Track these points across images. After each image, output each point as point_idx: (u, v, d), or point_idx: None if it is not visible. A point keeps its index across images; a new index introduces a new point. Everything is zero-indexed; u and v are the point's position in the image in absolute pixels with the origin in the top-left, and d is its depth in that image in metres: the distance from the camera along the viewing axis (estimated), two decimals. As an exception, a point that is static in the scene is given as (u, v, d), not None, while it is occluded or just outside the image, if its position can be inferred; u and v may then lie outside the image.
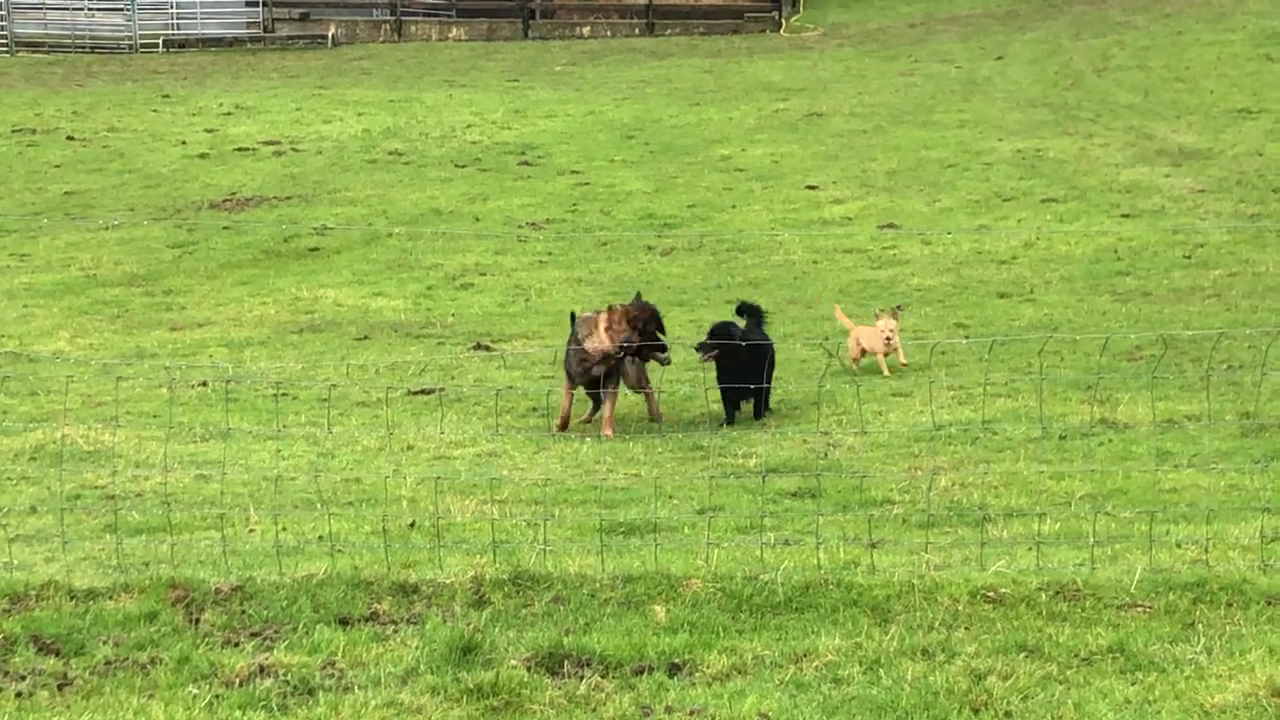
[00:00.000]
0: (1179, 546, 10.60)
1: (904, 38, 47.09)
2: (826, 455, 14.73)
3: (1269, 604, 9.21)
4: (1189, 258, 24.76)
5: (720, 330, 16.29)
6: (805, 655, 8.71)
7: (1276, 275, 23.23)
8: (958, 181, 31.38)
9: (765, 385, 15.64)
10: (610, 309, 16.25)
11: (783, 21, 51.04)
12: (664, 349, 16.26)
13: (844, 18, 50.61)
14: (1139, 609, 9.22)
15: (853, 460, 14.39)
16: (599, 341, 16.02)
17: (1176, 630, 8.95)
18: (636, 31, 53.06)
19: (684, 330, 21.17)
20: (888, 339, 18.05)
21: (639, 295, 16.86)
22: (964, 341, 19.40)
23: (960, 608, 9.28)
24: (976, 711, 8.02)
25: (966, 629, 9.02)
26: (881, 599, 9.42)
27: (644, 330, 16.05)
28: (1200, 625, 8.99)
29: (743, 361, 15.59)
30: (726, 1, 53.92)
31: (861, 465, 14.01)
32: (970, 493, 12.93)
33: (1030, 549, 10.58)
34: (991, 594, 9.45)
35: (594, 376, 16.17)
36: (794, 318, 21.93)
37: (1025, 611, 9.24)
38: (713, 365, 16.45)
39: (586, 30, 53.59)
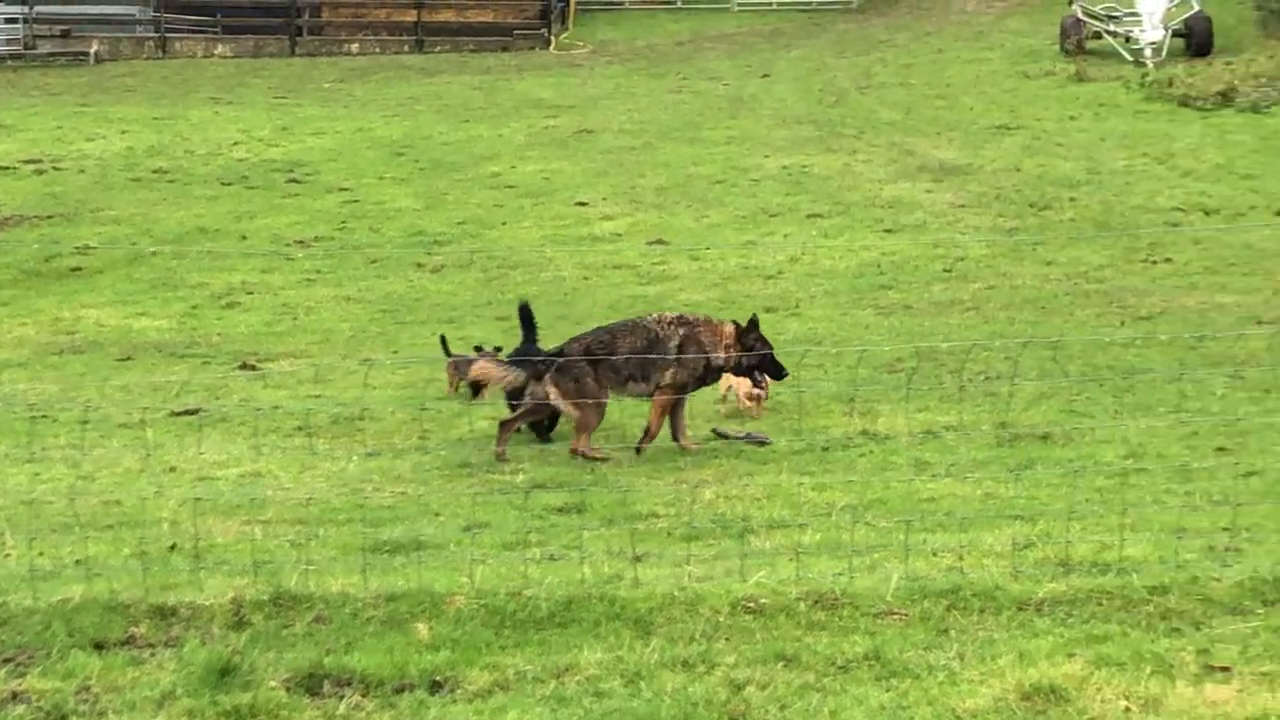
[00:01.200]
0: (935, 554, 10.73)
1: (672, 55, 47.30)
2: (593, 470, 14.76)
3: (1020, 609, 9.36)
4: (949, 271, 25.12)
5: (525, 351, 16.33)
6: (567, 669, 8.72)
7: (1032, 288, 23.66)
8: (725, 197, 31.56)
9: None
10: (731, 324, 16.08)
11: (552, 39, 51.08)
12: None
13: (612, 35, 50.74)
14: (895, 616, 9.34)
15: (619, 475, 14.45)
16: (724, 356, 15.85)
17: (931, 636, 9.06)
18: (406, 48, 52.83)
19: (454, 348, 21.14)
20: None
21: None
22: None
23: (721, 619, 9.33)
24: (734, 720, 8.11)
25: (727, 639, 9.07)
26: (644, 612, 9.45)
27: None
28: (954, 631, 9.12)
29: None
30: (495, 19, 53.82)
31: (627, 480, 14.09)
32: (734, 505, 13.01)
33: (791, 559, 10.66)
34: (752, 604, 9.51)
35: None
36: (564, 334, 21.90)
37: (785, 621, 9.31)
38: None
39: (355, 47, 53.27)
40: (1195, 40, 41.96)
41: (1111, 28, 43.04)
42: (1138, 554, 10.61)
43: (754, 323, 15.83)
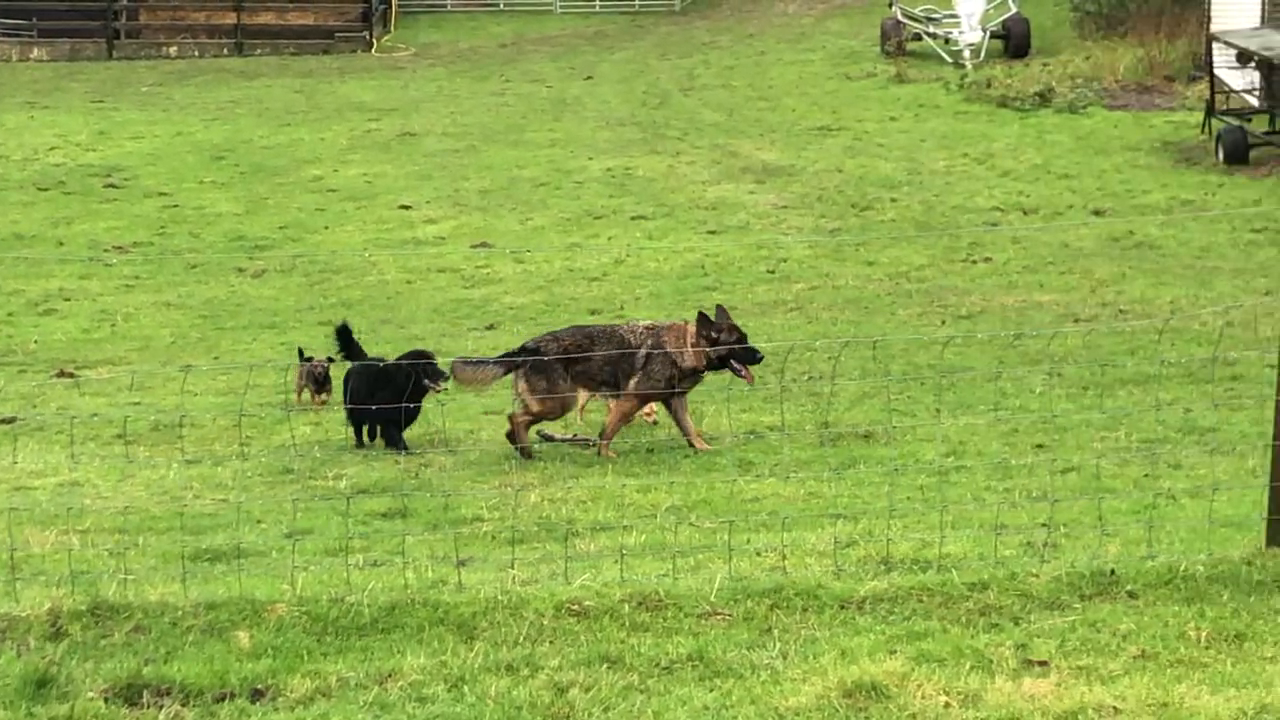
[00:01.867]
0: (758, 554, 10.76)
1: (495, 58, 47.20)
2: (418, 475, 14.71)
3: (842, 608, 9.40)
4: (772, 272, 25.25)
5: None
6: (390, 675, 8.66)
7: (854, 288, 23.84)
8: (549, 200, 31.55)
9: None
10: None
11: (374, 41, 50.75)
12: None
13: (435, 37, 50.54)
14: (718, 617, 9.35)
15: (443, 479, 14.41)
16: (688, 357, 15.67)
17: (754, 636, 9.08)
18: (225, 51, 52.29)
19: (276, 353, 21.01)
20: None
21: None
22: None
23: (545, 622, 9.30)
24: (558, 723, 8.10)
25: (551, 643, 9.04)
26: (468, 616, 9.40)
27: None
28: (776, 631, 9.13)
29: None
30: (316, 21, 53.37)
31: (451, 484, 14.05)
32: (559, 508, 12.99)
33: (615, 561, 10.65)
34: (576, 607, 9.48)
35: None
36: (388, 338, 21.82)
37: (609, 623, 9.29)
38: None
39: (174, 50, 52.65)
40: (1013, 42, 42.41)
41: (931, 30, 43.38)
42: (958, 551, 10.71)
43: (707, 315, 15.78)
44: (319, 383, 17.78)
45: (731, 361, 15.63)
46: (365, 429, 16.21)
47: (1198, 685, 8.28)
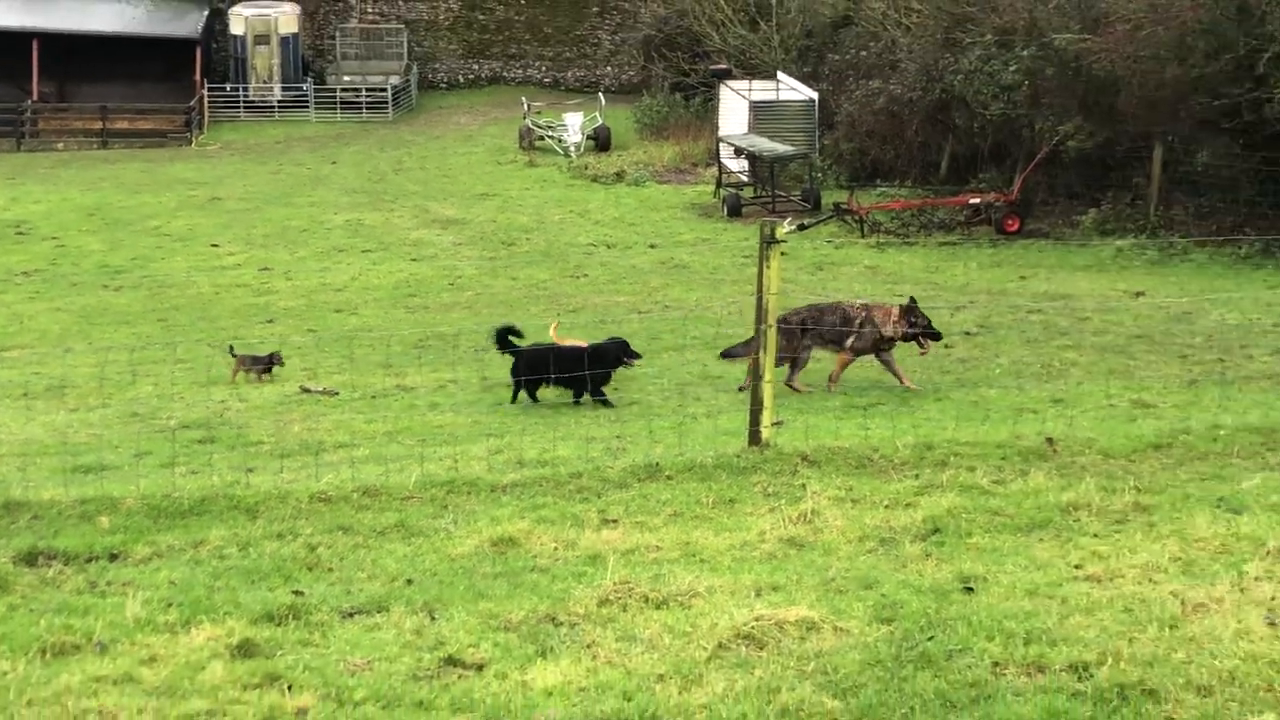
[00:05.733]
0: (440, 460, 10.72)
1: (272, 149, 46.10)
2: (223, 416, 14.37)
3: (492, 491, 9.41)
4: (452, 284, 25.15)
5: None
6: (201, 543, 8.45)
7: (504, 293, 23.86)
8: (309, 240, 30.98)
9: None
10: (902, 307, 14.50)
11: (193, 140, 49.19)
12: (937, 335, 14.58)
13: (233, 137, 49.22)
14: (414, 499, 9.30)
15: (239, 417, 14.10)
16: (893, 329, 14.34)
17: (436, 510, 9.05)
18: (95, 146, 50.07)
19: (129, 340, 20.36)
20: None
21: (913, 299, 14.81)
22: (314, 336, 19.25)
23: (303, 506, 9.15)
24: (311, 569, 7.97)
25: (306, 519, 8.90)
26: (252, 503, 9.21)
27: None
28: (450, 507, 9.11)
29: None
30: (156, 126, 51.49)
31: (242, 420, 13.77)
32: (314, 434, 12.79)
33: (349, 466, 10.54)
34: (323, 496, 9.35)
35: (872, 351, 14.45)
36: (203, 330, 21.29)
37: (344, 505, 9.18)
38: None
39: (61, 145, 50.23)
40: (601, 142, 42.70)
41: (550, 133, 43.51)
42: (565, 453, 10.80)
43: (912, 305, 14.47)
44: (265, 368, 16.77)
45: (920, 337, 14.45)
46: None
47: (707, 531, 8.47)
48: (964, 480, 9.24)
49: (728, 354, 14.93)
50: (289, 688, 6.17)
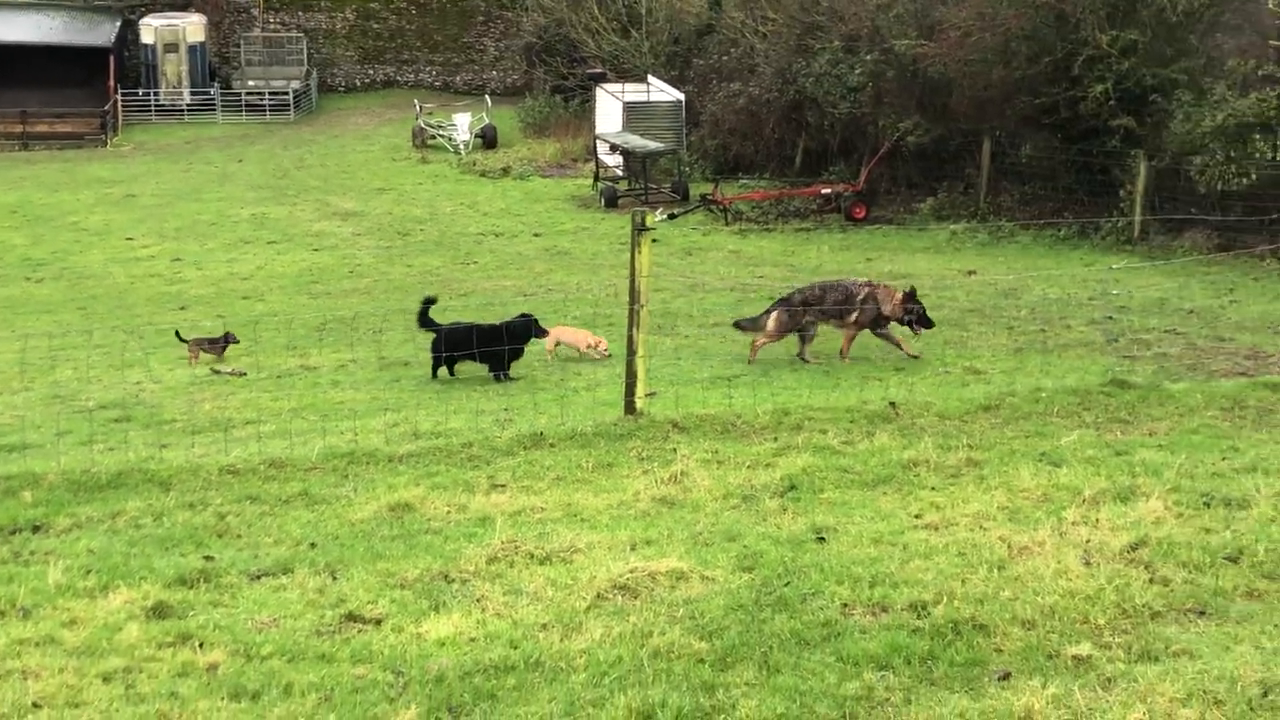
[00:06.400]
0: (342, 433, 10.58)
1: (182, 150, 45.01)
2: (138, 396, 14.05)
3: (389, 461, 9.34)
4: (352, 272, 24.78)
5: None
6: (119, 514, 8.29)
7: (400, 279, 23.57)
8: (218, 233, 30.28)
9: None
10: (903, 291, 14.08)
11: (108, 141, 47.88)
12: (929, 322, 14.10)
13: (145, 138, 47.95)
14: (317, 470, 9.19)
15: (154, 398, 13.80)
16: (892, 309, 13.91)
17: (338, 479, 8.96)
18: (17, 148, 48.46)
19: (49, 327, 19.80)
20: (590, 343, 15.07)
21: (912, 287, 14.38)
22: (222, 322, 18.88)
23: (213, 478, 9.01)
24: (221, 535, 7.85)
25: (216, 490, 8.77)
26: (166, 477, 9.04)
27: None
28: (351, 476, 9.02)
29: None
30: (73, 129, 49.92)
31: (157, 400, 13.48)
32: (224, 411, 12.55)
33: (256, 441, 10.38)
34: (232, 468, 9.20)
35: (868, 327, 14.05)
36: (119, 317, 20.78)
37: (252, 477, 9.06)
38: None
39: (-19, 147, 48.79)
40: (488, 140, 42.29)
41: (441, 132, 43.02)
42: (457, 425, 10.74)
43: (912, 293, 14.06)
44: (221, 347, 16.26)
45: (913, 323, 14.02)
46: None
47: (587, 493, 8.48)
48: (817, 442, 9.35)
49: (738, 325, 14.72)
50: (200, 645, 6.08)
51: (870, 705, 5.36)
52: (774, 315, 14.20)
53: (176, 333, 16.84)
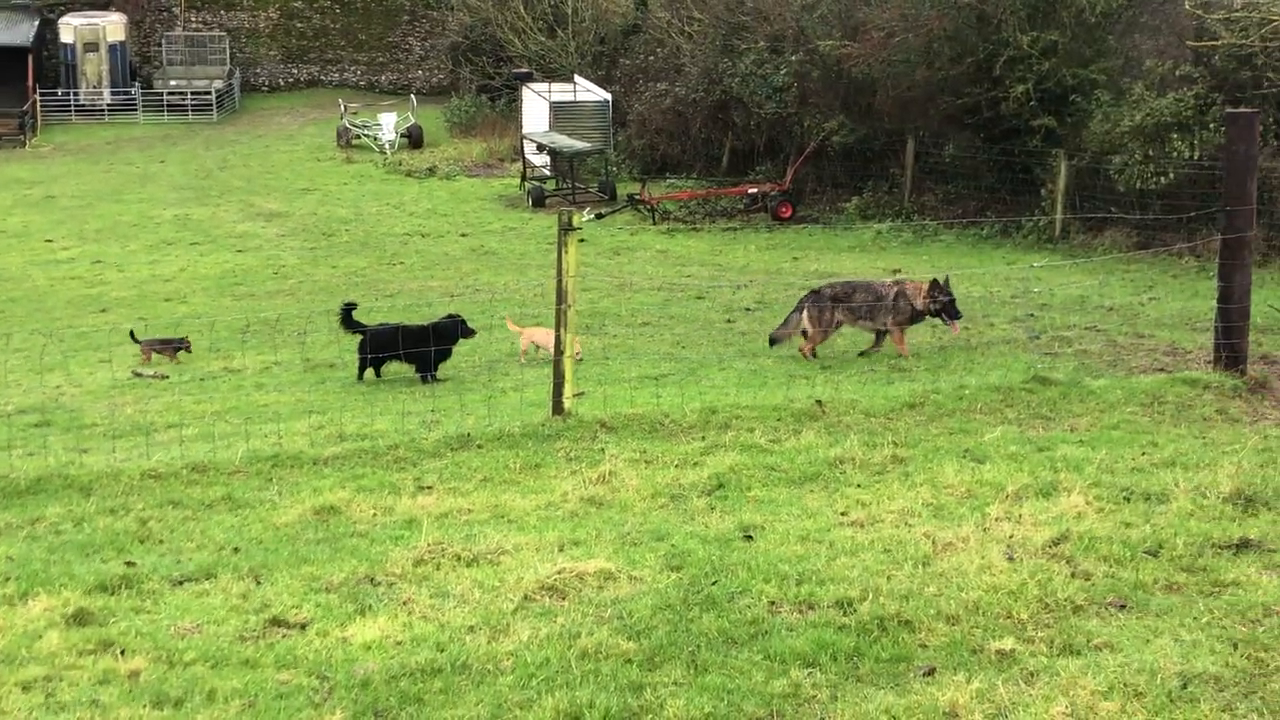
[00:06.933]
0: (266, 436, 10.47)
1: (104, 150, 44.34)
2: (58, 400, 13.81)
3: (314, 463, 9.25)
4: (276, 274, 24.51)
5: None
6: (38, 519, 8.14)
7: (325, 281, 23.33)
8: (140, 235, 29.87)
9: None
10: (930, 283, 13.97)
11: (27, 141, 47.07)
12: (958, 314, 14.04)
13: (65, 139, 47.18)
14: (241, 473, 9.08)
15: (74, 402, 13.58)
16: (921, 304, 13.78)
17: (262, 483, 8.86)
18: (-71, 147, 47.80)
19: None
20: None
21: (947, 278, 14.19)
22: (141, 325, 18.61)
23: (135, 483, 8.87)
24: (142, 541, 7.72)
25: (138, 495, 8.64)
26: (86, 482, 8.90)
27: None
28: (275, 480, 8.92)
29: None
30: (-11, 129, 49.41)
31: (77, 405, 13.26)
32: (146, 416, 12.40)
33: (179, 444, 10.26)
34: (153, 473, 9.07)
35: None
36: (38, 321, 20.43)
37: (174, 481, 8.93)
38: None
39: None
40: (414, 139, 42.05)
41: (366, 132, 42.71)
42: (382, 427, 10.67)
43: (938, 282, 13.95)
44: (171, 351, 16.05)
45: (943, 315, 14.02)
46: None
47: (515, 494, 8.44)
48: (744, 440, 9.37)
49: (773, 339, 14.49)
50: (122, 652, 5.98)
51: (797, 703, 5.38)
52: (805, 312, 14.14)
53: (131, 333, 16.59)
